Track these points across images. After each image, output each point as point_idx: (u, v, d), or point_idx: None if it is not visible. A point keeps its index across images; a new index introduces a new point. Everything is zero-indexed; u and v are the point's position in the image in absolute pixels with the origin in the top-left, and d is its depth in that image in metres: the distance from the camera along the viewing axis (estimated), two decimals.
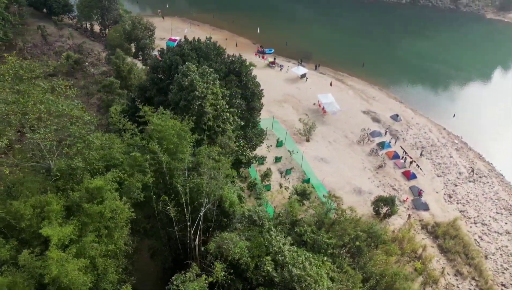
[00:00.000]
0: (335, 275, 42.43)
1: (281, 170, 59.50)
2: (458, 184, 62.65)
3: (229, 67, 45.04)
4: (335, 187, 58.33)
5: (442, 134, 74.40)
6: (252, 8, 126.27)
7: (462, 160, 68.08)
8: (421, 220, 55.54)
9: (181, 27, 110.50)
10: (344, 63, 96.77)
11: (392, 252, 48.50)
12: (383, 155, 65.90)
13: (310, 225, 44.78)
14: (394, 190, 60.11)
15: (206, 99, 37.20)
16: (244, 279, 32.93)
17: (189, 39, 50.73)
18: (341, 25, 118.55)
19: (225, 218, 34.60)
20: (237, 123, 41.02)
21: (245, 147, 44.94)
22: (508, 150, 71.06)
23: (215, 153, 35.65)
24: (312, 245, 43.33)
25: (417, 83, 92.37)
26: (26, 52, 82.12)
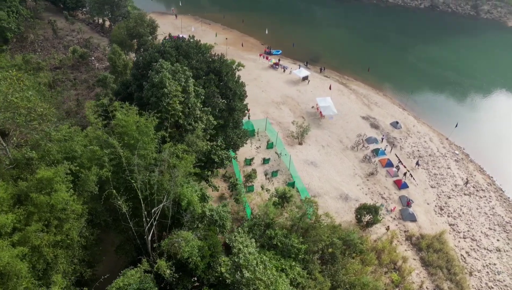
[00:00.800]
0: (303, 280, 42.01)
1: (267, 172, 59.12)
2: (452, 197, 60.54)
3: (209, 66, 45.12)
4: (320, 192, 57.60)
5: (443, 144, 72.07)
6: (264, 8, 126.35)
7: (460, 172, 65.74)
8: (406, 231, 54.03)
9: (192, 25, 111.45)
10: (350, 67, 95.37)
11: (369, 262, 47.46)
12: (376, 162, 64.46)
13: (282, 228, 44.46)
14: (383, 198, 58.73)
15: (176, 97, 37.41)
16: (196, 278, 32.98)
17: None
18: (353, 29, 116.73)
19: (183, 216, 34.64)
20: (210, 122, 41.01)
21: (222, 146, 44.82)
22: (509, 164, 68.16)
23: (179, 151, 35.85)
24: (281, 249, 43.02)
25: (424, 90, 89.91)
26: (36, 45, 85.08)
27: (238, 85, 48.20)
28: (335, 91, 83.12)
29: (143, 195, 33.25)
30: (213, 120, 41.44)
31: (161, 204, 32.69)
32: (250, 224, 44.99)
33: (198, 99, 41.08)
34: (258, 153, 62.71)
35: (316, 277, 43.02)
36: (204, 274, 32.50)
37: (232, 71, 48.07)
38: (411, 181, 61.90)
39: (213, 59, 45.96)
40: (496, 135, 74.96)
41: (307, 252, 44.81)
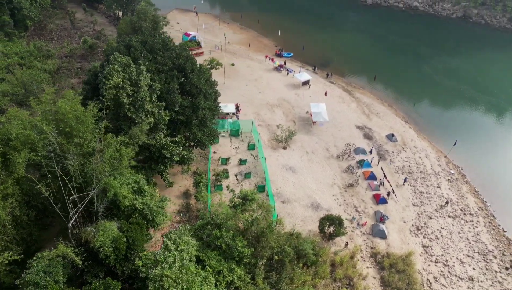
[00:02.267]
0: (242, 284, 41.59)
1: (242, 172, 58.88)
2: (434, 217, 57.23)
3: (174, 62, 45.66)
4: (291, 198, 56.63)
5: (439, 161, 68.20)
6: (283, 10, 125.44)
7: (451, 192, 61.95)
8: (373, 248, 51.78)
9: (209, 23, 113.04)
10: (360, 75, 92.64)
11: (321, 275, 46.03)
12: (359, 174, 62.25)
13: (236, 231, 43.93)
14: (357, 211, 56.67)
15: (123, 90, 38.25)
16: (110, 268, 33.51)
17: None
18: (374, 35, 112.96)
19: (112, 206, 35.37)
20: (161, 117, 41.45)
21: (181, 143, 45.25)
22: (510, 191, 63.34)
23: (117, 143, 36.68)
24: (225, 250, 42.73)
25: (434, 103, 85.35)
26: (54, 34, 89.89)
27: (207, 83, 48.37)
28: (336, 98, 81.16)
29: (77, 182, 34.39)
30: (166, 116, 41.83)
31: (87, 193, 33.58)
32: (202, 223, 45.19)
33: (154, 94, 41.69)
34: (237, 154, 62.58)
35: (257, 282, 42.41)
36: (120, 266, 33.01)
37: (197, 68, 48.17)
38: (392, 197, 59.18)
39: (178, 55, 46.33)
40: (501, 159, 69.82)
41: (255, 256, 44.42)
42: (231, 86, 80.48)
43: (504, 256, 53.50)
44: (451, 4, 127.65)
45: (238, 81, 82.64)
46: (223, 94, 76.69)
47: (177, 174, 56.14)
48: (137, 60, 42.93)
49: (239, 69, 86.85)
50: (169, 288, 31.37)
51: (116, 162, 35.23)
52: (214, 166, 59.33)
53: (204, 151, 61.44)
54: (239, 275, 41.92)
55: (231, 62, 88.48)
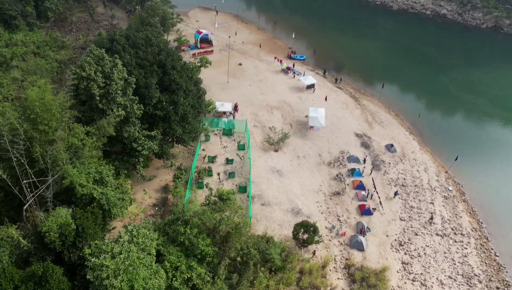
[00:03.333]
0: (200, 282, 41.73)
1: (227, 172, 58.96)
2: (420, 234, 54.80)
3: (155, 58, 46.42)
4: (272, 201, 56.17)
5: (438, 176, 65.17)
6: (301, 12, 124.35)
7: (444, 209, 59.08)
8: (348, 259, 50.27)
9: (227, 22, 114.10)
10: (371, 82, 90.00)
11: (286, 281, 45.24)
12: (347, 182, 60.68)
13: (194, 228, 44.07)
14: (339, 221, 55.28)
15: (94, 81, 39.35)
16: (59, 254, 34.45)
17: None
18: (394, 42, 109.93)
19: (70, 193, 36.43)
20: (133, 110, 42.21)
21: (157, 137, 45.92)
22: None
23: (82, 133, 37.81)
24: (187, 247, 42.94)
25: (444, 115, 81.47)
26: (73, 26, 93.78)
27: (190, 81, 48.84)
28: (340, 103, 79.52)
29: (38, 167, 35.76)
30: (138, 109, 42.58)
31: (44, 178, 34.82)
32: (172, 218, 45.74)
33: (129, 87, 42.58)
34: (226, 153, 62.71)
35: (215, 282, 42.34)
36: (68, 252, 33.95)
37: (186, 66, 48.76)
38: (378, 209, 57.24)
39: (159, 51, 47.02)
40: (507, 181, 65.56)
41: (220, 256, 44.42)
42: (234, 85, 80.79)
43: (491, 282, 50.36)
44: (482, 14, 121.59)
45: (243, 81, 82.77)
46: (225, 93, 77.86)
47: (160, 168, 57.09)
48: (119, 54, 44.01)
49: (246, 69, 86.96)
50: (109, 278, 31.93)
51: (78, 151, 36.21)
52: (200, 163, 59.77)
53: (193, 147, 62.09)
54: (199, 273, 42.01)
55: (239, 62, 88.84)
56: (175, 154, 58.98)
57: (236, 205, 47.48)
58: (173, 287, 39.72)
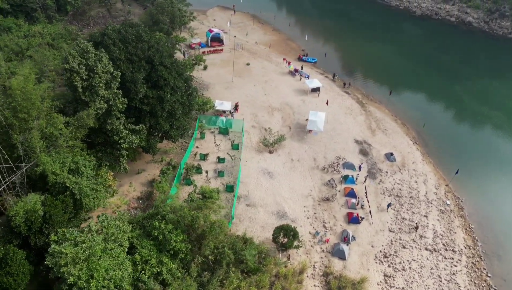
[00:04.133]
0: (169, 277, 42.10)
1: (217, 170, 59.14)
2: (408, 247, 52.98)
3: (144, 53, 47.18)
4: (257, 203, 55.92)
5: (438, 189, 62.81)
6: (319, 15, 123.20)
7: (438, 224, 56.87)
8: (327, 267, 49.28)
9: (244, 22, 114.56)
10: (381, 88, 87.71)
11: (258, 284, 44.86)
12: (338, 189, 59.52)
13: (169, 223, 44.41)
14: (324, 227, 54.31)
15: (77, 74, 40.46)
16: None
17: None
18: (411, 48, 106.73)
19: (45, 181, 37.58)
20: (115, 104, 43.01)
21: (142, 131, 46.67)
22: None
23: (60, 122, 38.97)
24: (161, 242, 43.41)
25: (452, 126, 78.05)
26: (91, 20, 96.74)
27: (180, 78, 49.31)
28: (344, 108, 78.11)
29: (17, 154, 37.16)
30: (120, 103, 43.36)
31: (18, 164, 36.12)
32: (152, 213, 46.40)
33: (114, 81, 43.48)
34: (219, 151, 62.88)
35: (186, 278, 42.53)
36: (34, 237, 35.06)
37: (176, 63, 49.26)
38: (367, 219, 55.81)
39: (149, 47, 47.67)
40: None
41: (195, 253, 44.71)
42: (238, 85, 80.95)
43: None
44: (510, 23, 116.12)
45: (248, 81, 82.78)
46: (228, 92, 78.14)
47: (150, 163, 57.99)
48: (109, 48, 45.10)
49: (253, 70, 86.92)
50: (67, 266, 32.74)
51: (55, 140, 37.30)
52: (191, 160, 60.23)
53: (187, 144, 62.68)
54: (169, 268, 42.39)
55: (247, 62, 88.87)
56: (166, 149, 59.80)
57: (215, 204, 47.67)
58: (141, 279, 40.26)
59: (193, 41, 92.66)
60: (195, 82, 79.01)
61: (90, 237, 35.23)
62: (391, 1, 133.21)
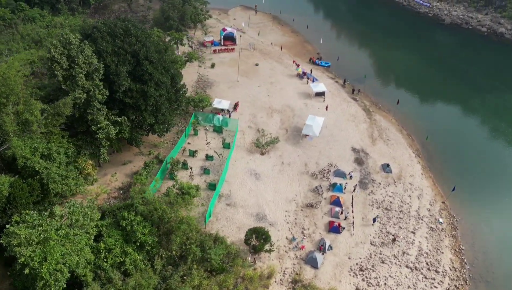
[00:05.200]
0: (131, 268, 42.94)
1: (203, 167, 59.52)
2: (387, 262, 50.96)
3: (131, 48, 48.28)
4: (238, 203, 55.84)
5: (432, 205, 59.98)
6: (342, 19, 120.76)
7: (425, 241, 54.28)
8: (298, 274, 48.33)
9: (264, 22, 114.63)
10: (392, 96, 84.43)
11: (221, 283, 44.71)
12: (324, 196, 58.21)
13: (139, 215, 45.15)
14: (303, 234, 53.33)
15: (58, 64, 42.08)
16: None
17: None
18: (435, 57, 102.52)
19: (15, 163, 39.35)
20: (95, 95, 44.23)
21: (124, 123, 47.84)
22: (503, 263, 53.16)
23: (36, 109, 40.67)
24: (128, 233, 44.34)
25: (462, 141, 73.65)
26: (112, 14, 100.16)
27: (166, 73, 50.07)
28: (347, 115, 76.26)
29: None
30: (99, 94, 44.57)
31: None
32: (126, 203, 47.51)
33: (96, 73, 44.83)
34: (210, 149, 63.21)
35: (147, 270, 43.16)
36: None
37: (163, 59, 50.03)
38: (348, 229, 54.23)
39: (135, 41, 48.65)
40: None
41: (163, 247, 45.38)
42: (242, 84, 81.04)
43: None
44: None
45: (253, 81, 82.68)
46: (231, 91, 78.45)
47: (138, 155, 59.23)
48: (97, 40, 46.59)
49: (260, 70, 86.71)
50: (20, 246, 34.09)
51: (30, 125, 38.96)
52: (180, 156, 60.93)
53: (179, 138, 63.45)
54: (134, 259, 43.22)
55: (256, 62, 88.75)
56: (156, 143, 60.92)
57: (187, 201, 48.09)
58: (102, 267, 41.29)
59: (206, 39, 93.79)
60: (199, 80, 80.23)
61: (49, 221, 36.46)
62: (420, 8, 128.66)
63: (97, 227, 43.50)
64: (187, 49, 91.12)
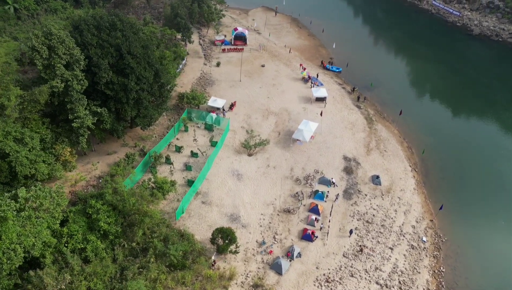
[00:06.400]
0: (91, 255, 44.18)
1: (186, 164, 60.12)
2: (356, 277, 49.28)
3: (115, 41, 49.63)
4: (214, 202, 56.10)
5: (419, 223, 57.32)
6: (357, 23, 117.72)
7: (402, 259, 51.92)
8: (260, 278, 47.74)
9: (282, 24, 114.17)
10: (398, 107, 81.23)
11: (179, 280, 45.00)
12: (304, 203, 57.14)
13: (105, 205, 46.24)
14: (274, 239, 52.70)
15: (38, 53, 44.03)
16: None
17: None
18: (454, 69, 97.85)
19: None
20: (73, 84, 45.79)
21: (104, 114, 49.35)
22: None
23: (13, 95, 42.76)
24: (93, 221, 45.65)
25: (464, 157, 69.63)
26: (131, 9, 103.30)
27: (151, 69, 51.08)
28: (346, 122, 74.42)
29: None
30: (78, 85, 46.12)
31: None
32: (101, 192, 48.96)
33: (76, 64, 46.49)
34: (196, 146, 63.69)
35: (106, 259, 44.19)
36: None
37: (147, 54, 51.06)
38: (322, 238, 52.93)
39: (118, 35, 49.88)
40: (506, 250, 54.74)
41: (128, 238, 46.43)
42: (244, 84, 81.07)
43: None
44: None
45: (256, 82, 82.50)
46: (231, 90, 78.76)
47: (124, 146, 60.74)
48: (82, 32, 48.37)
49: (266, 71, 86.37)
50: None
51: (4, 109, 41.03)
52: (166, 150, 61.82)
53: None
54: (96, 246, 44.40)
55: (262, 63, 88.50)
56: (144, 136, 62.21)
57: (157, 195, 48.87)
58: (61, 251, 42.71)
59: (217, 38, 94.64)
60: (201, 77, 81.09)
61: (9, 202, 38.13)
62: (449, 17, 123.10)
63: (65, 212, 45.22)
64: (198, 47, 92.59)
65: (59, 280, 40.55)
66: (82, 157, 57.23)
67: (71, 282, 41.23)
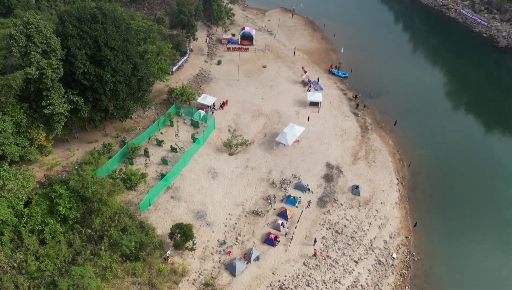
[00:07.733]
0: (49, 237, 46.03)
1: (164, 158, 60.96)
2: (313, 287, 47.99)
3: (94, 33, 51.22)
4: (183, 198, 56.69)
5: (392, 238, 54.99)
6: (375, 28, 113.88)
7: (366, 273, 50.04)
8: (213, 278, 47.65)
9: (296, 26, 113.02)
10: (401, 118, 77.96)
11: (131, 271, 45.71)
12: (274, 206, 56.37)
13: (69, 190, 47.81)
14: (236, 239, 52.42)
15: (15, 41, 46.28)
16: None
17: None
18: (475, 84, 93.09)
19: None
20: (46, 73, 47.66)
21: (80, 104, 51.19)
22: None
23: None
24: (54, 204, 47.41)
25: (457, 177, 65.49)
26: (146, 4, 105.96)
27: (127, 62, 52.34)
28: (337, 129, 72.58)
29: None
30: (53, 73, 47.94)
31: None
32: (68, 178, 50.77)
33: (53, 53, 48.43)
34: (179, 141, 64.44)
35: (61, 243, 45.79)
36: None
37: (126, 47, 52.28)
38: (285, 244, 51.99)
39: (98, 28, 51.33)
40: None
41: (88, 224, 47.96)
42: (241, 84, 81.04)
43: None
44: None
45: (253, 82, 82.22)
46: (227, 89, 79.15)
47: (106, 136, 62.63)
48: (64, 23, 50.35)
49: (265, 72, 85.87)
50: None
51: None
52: (147, 143, 62.94)
53: None
54: (54, 229, 46.23)
55: (264, 64, 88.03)
56: (128, 128, 63.69)
57: (120, 185, 50.04)
58: (19, 231, 44.71)
59: (224, 36, 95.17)
60: (199, 74, 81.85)
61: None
62: (476, 27, 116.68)
63: (30, 194, 47.29)
64: (203, 45, 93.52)
65: (12, 258, 42.53)
66: (64, 144, 59.50)
67: (24, 261, 43.13)
